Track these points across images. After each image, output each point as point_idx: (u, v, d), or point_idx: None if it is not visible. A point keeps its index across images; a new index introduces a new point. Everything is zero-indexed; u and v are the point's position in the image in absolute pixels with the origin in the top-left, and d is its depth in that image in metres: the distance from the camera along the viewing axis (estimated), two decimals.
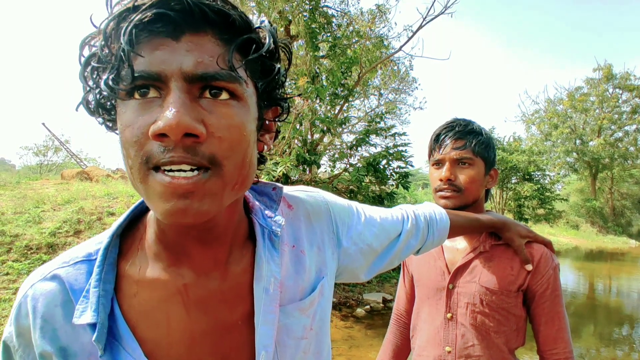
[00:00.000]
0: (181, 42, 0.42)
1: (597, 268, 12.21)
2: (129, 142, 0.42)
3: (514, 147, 15.47)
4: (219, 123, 0.43)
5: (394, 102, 17.10)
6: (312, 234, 0.65)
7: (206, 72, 0.42)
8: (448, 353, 1.10)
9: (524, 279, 1.05)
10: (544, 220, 16.07)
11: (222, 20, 0.44)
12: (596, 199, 23.99)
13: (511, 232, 1.06)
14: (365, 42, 7.37)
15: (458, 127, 1.13)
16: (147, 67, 0.41)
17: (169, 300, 0.51)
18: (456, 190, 1.10)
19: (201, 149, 0.42)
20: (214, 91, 0.43)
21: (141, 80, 0.41)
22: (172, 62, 0.41)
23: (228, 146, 0.43)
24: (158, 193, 0.42)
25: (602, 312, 7.37)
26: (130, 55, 0.40)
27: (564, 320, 1.05)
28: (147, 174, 0.42)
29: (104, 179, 10.36)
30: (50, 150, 24.23)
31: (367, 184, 6.41)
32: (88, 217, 5.84)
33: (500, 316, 1.06)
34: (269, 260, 0.56)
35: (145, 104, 0.42)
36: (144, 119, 0.41)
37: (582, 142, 24.61)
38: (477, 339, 1.07)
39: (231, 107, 0.44)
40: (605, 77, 23.93)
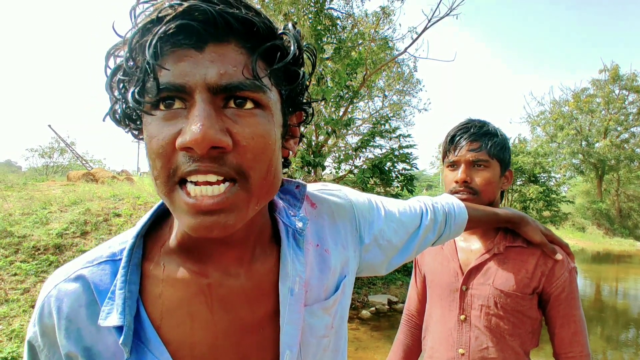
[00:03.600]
0: (205, 52, 0.41)
1: (604, 271, 12.11)
2: (155, 153, 0.42)
3: (519, 148, 15.37)
4: (244, 132, 0.42)
5: (398, 103, 17.08)
6: (336, 232, 0.65)
7: (230, 82, 0.41)
8: (461, 355, 1.09)
9: (538, 281, 1.04)
10: (549, 223, 15.94)
11: (246, 28, 0.43)
12: (602, 201, 23.80)
13: (530, 227, 1.04)
14: (370, 44, 7.37)
15: (473, 129, 1.12)
16: (171, 79, 0.41)
17: (193, 300, 0.51)
18: (472, 192, 1.09)
19: (228, 158, 0.42)
20: (238, 101, 0.43)
21: (166, 92, 0.41)
22: (196, 74, 0.41)
23: (253, 156, 0.43)
24: (184, 210, 0.43)
25: (610, 315, 7.31)
26: (155, 68, 0.40)
27: (580, 323, 1.03)
28: (173, 188, 0.43)
29: (109, 180, 10.42)
30: (56, 152, 24.42)
31: (372, 186, 6.40)
32: (94, 218, 5.87)
33: (515, 319, 1.05)
34: (294, 260, 0.56)
35: (170, 115, 0.42)
36: (169, 130, 0.41)
37: (588, 144, 24.43)
38: (492, 341, 1.06)
39: (256, 116, 0.44)
40: (611, 78, 23.76)
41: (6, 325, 3.46)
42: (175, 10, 0.40)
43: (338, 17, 7.50)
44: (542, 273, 1.04)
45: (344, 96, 6.59)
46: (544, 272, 1.04)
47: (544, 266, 1.04)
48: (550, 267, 1.04)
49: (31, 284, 4.21)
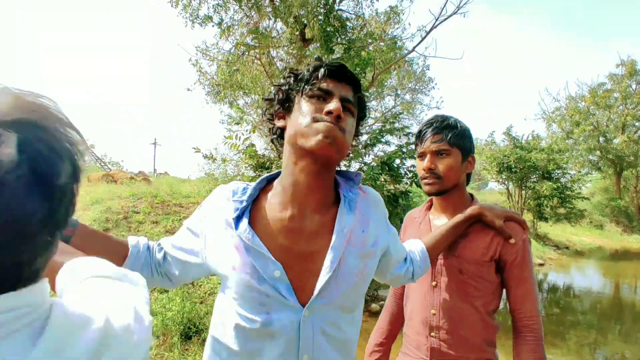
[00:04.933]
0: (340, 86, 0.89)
1: (622, 268, 11.91)
2: (307, 113, 0.85)
3: (532, 145, 15.19)
4: (346, 119, 0.87)
5: (411, 102, 17.11)
6: (376, 213, 0.99)
7: (346, 97, 0.88)
8: (433, 315, 1.28)
9: (495, 250, 1.21)
10: (564, 220, 15.73)
11: (353, 79, 0.91)
12: (621, 198, 23.32)
13: (488, 216, 1.22)
14: (379, 44, 7.48)
15: (436, 123, 1.28)
16: (325, 87, 0.87)
17: (278, 225, 0.87)
18: (437, 177, 1.26)
19: (340, 122, 0.84)
20: (347, 107, 0.88)
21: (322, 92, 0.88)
22: (335, 90, 0.87)
23: (348, 128, 0.87)
24: (318, 131, 0.82)
25: (629, 314, 7.21)
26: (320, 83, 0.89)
27: (530, 285, 1.21)
28: (312, 124, 0.84)
29: (127, 181, 10.78)
30: None
31: (382, 183, 6.50)
32: (115, 216, 6.15)
33: (477, 283, 1.23)
34: (347, 215, 0.90)
35: (318, 102, 0.87)
36: (319, 105, 0.86)
37: (606, 140, 23.96)
38: (458, 302, 1.24)
39: (348, 115, 0.88)
40: (628, 72, 23.27)
41: None
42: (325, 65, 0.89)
43: (347, 18, 7.64)
44: (498, 243, 1.22)
45: None
46: (500, 242, 1.22)
47: (499, 238, 1.22)
48: (504, 240, 1.22)
49: None
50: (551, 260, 12.31)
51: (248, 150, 5.84)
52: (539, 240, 14.35)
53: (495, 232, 1.22)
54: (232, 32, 7.13)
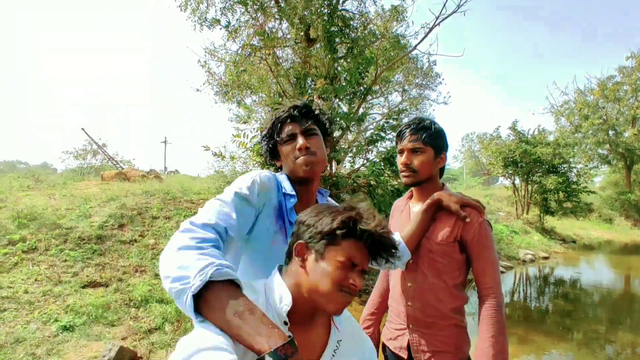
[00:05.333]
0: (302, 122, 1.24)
1: (633, 262, 11.86)
2: (289, 153, 1.21)
3: (538, 139, 15.19)
4: (313, 143, 1.21)
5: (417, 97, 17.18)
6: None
7: (307, 129, 1.23)
8: (409, 287, 1.51)
9: (457, 232, 1.43)
10: (571, 214, 15.71)
11: (313, 114, 1.27)
12: (631, 192, 23.09)
13: (445, 201, 1.44)
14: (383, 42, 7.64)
15: (413, 125, 1.51)
16: (290, 132, 1.22)
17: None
18: (412, 171, 1.50)
19: (310, 149, 1.19)
20: (309, 134, 1.22)
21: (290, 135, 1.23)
22: (297, 129, 1.22)
23: (317, 148, 1.20)
24: (300, 164, 1.18)
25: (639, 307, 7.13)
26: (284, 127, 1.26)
27: (490, 261, 1.41)
28: (295, 161, 1.20)
29: (139, 179, 11.11)
30: (89, 153, 25.69)
31: (386, 178, 6.69)
32: (130, 212, 6.46)
33: (444, 260, 1.45)
34: None
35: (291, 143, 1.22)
36: (293, 146, 1.21)
37: (616, 133, 23.73)
38: (429, 277, 1.47)
39: (315, 137, 1.23)
40: (638, 64, 22.98)
41: (62, 302, 4.01)
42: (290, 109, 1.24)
43: (351, 18, 7.81)
44: (459, 227, 1.43)
45: (357, 93, 6.90)
46: (460, 226, 1.43)
47: (460, 222, 1.44)
48: (463, 223, 1.43)
49: (79, 268, 4.77)
50: (557, 253, 12.37)
51: (256, 148, 6.07)
52: (545, 234, 14.39)
53: (458, 217, 1.43)
54: (239, 33, 7.36)
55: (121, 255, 5.26)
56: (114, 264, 5.04)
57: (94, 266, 4.89)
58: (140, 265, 5.17)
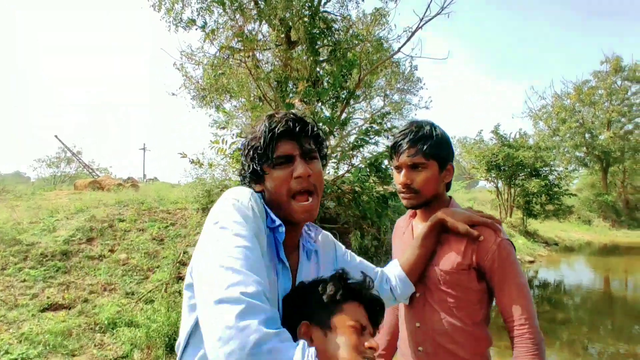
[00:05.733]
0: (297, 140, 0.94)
1: (612, 263, 12.02)
2: (281, 183, 0.91)
3: (520, 143, 15.32)
4: (314, 169, 0.93)
5: (400, 102, 17.13)
6: (327, 257, 1.11)
7: (307, 150, 0.94)
8: (418, 328, 1.23)
9: (470, 257, 1.15)
10: (553, 216, 15.87)
11: (307, 129, 0.96)
12: (608, 193, 23.63)
13: (449, 222, 1.18)
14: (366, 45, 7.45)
15: (410, 134, 1.22)
16: (285, 152, 0.93)
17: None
18: (413, 192, 1.22)
19: (311, 179, 0.92)
20: (310, 157, 0.95)
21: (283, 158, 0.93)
22: (295, 150, 0.93)
23: (318, 178, 0.94)
24: (297, 211, 0.91)
25: (621, 308, 7.21)
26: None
27: (517, 289, 1.12)
28: (290, 200, 0.91)
29: (115, 187, 10.60)
30: (63, 161, 24.76)
31: (371, 185, 6.47)
32: (100, 224, 6.02)
33: (458, 292, 1.17)
34: (305, 265, 1.02)
35: (285, 167, 0.92)
36: (287, 173, 0.92)
37: (592, 136, 24.28)
38: (441, 314, 1.18)
39: (316, 162, 0.96)
40: (613, 69, 23.63)
41: (16, 329, 3.59)
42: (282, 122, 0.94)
43: (333, 20, 7.60)
44: (473, 251, 1.15)
45: (339, 97, 6.68)
46: (474, 250, 1.15)
47: (473, 245, 1.16)
48: (478, 245, 1.15)
49: (39, 289, 4.35)
50: (541, 257, 12.40)
51: (235, 155, 5.75)
52: (528, 237, 14.46)
53: (469, 240, 1.17)
54: (216, 35, 7.05)
55: (88, 273, 4.85)
56: (80, 282, 4.63)
57: (57, 286, 4.47)
58: (110, 283, 4.76)
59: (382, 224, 7.03)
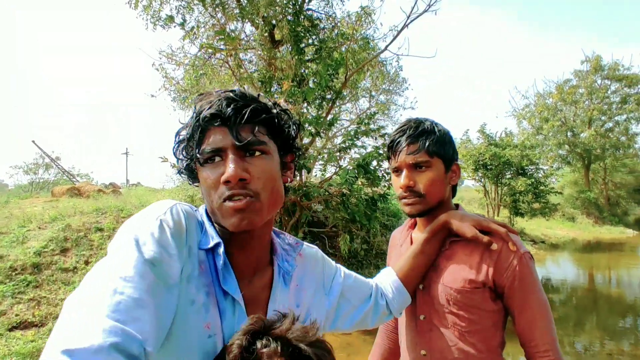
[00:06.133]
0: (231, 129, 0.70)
1: (595, 259, 12.20)
2: (210, 187, 0.69)
3: (506, 142, 15.44)
4: (256, 170, 0.69)
5: (385, 103, 17.10)
6: (312, 281, 0.88)
7: (246, 141, 0.68)
8: (424, 357, 1.06)
9: (485, 274, 0.99)
10: (539, 215, 16.02)
11: (252, 112, 0.70)
12: (590, 190, 24.07)
13: (457, 225, 1.02)
14: (352, 44, 7.31)
15: (409, 130, 1.07)
16: (214, 144, 0.69)
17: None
18: (417, 195, 1.05)
19: (248, 186, 0.68)
20: (251, 152, 0.70)
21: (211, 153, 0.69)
22: (226, 142, 0.68)
23: (263, 184, 0.69)
24: (228, 213, 0.67)
25: (604, 304, 7.32)
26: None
27: (539, 309, 0.98)
28: (221, 204, 0.68)
29: (95, 194, 10.19)
30: (41, 167, 24.01)
31: (360, 187, 6.31)
32: (75, 234, 5.70)
33: (471, 314, 1.01)
34: (282, 292, 0.79)
35: (215, 166, 0.69)
36: (217, 173, 0.68)
37: (574, 134, 24.72)
38: (451, 340, 1.02)
39: (262, 159, 0.70)
40: (593, 68, 24.11)
41: None
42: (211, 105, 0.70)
43: (318, 18, 7.43)
44: (489, 266, 0.99)
45: (325, 97, 6.50)
46: (490, 265, 0.99)
47: (489, 259, 1.00)
48: (495, 259, 0.99)
49: (8, 305, 4.04)
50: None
51: None
52: None
53: (485, 253, 1.00)
54: (197, 34, 6.80)
55: (61, 287, 4.54)
56: (52, 297, 4.33)
57: (27, 302, 4.16)
58: None
59: (371, 226, 6.87)
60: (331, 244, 7.66)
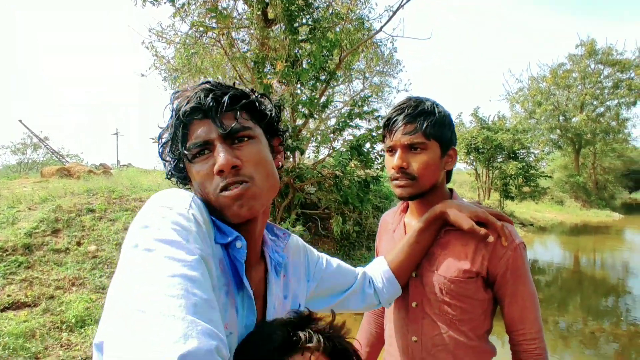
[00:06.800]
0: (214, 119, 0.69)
1: (582, 242, 12.47)
2: (204, 180, 0.68)
3: (498, 125, 15.49)
4: (246, 155, 0.68)
5: (379, 85, 16.94)
6: (296, 269, 0.90)
7: (231, 129, 0.68)
8: (415, 342, 1.07)
9: (480, 264, 1.00)
10: (529, 198, 16.25)
11: (231, 100, 0.70)
12: (579, 174, 24.38)
13: (453, 216, 1.01)
14: (346, 24, 7.18)
15: (408, 109, 1.03)
16: (200, 138, 0.68)
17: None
18: (410, 178, 1.02)
19: (242, 172, 0.67)
20: (238, 139, 0.69)
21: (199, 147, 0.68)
22: (213, 134, 0.68)
23: (255, 167, 0.69)
24: (226, 203, 0.66)
25: (589, 285, 7.53)
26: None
27: (529, 300, 1.00)
28: (218, 195, 0.67)
29: (85, 175, 10.06)
30: (29, 147, 23.61)
31: (353, 169, 6.32)
32: (66, 215, 5.65)
33: (463, 303, 1.02)
34: (275, 283, 0.80)
35: (204, 159, 0.69)
36: (208, 166, 0.68)
37: (566, 119, 24.85)
38: (442, 328, 1.03)
39: (251, 144, 0.70)
40: (587, 52, 24.05)
41: None
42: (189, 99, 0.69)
43: None
44: (484, 257, 1.00)
45: (319, 78, 6.43)
46: (485, 256, 1.00)
47: (484, 249, 1.00)
48: (491, 250, 0.99)
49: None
50: None
51: None
52: None
53: (480, 243, 1.00)
54: (188, 12, 6.61)
55: (54, 267, 4.53)
56: (45, 278, 4.32)
57: (19, 282, 4.15)
58: (78, 277, 4.47)
59: (363, 208, 6.93)
60: (324, 226, 7.71)
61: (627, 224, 17.40)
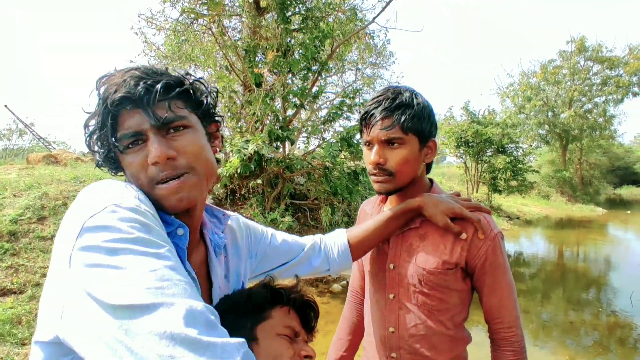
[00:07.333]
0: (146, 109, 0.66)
1: (566, 235, 12.72)
2: (137, 171, 0.66)
3: (488, 119, 15.63)
4: (182, 145, 0.67)
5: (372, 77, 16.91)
6: (236, 248, 0.91)
7: (164, 119, 0.66)
8: (392, 333, 1.08)
9: (459, 256, 1.01)
10: (516, 192, 16.50)
11: (163, 88, 0.66)
12: (566, 170, 24.77)
13: (430, 211, 1.02)
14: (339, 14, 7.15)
15: (385, 102, 0.99)
16: (132, 128, 0.66)
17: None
18: (387, 174, 1.01)
19: (178, 163, 0.66)
20: (173, 128, 0.67)
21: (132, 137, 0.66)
22: (144, 123, 0.65)
23: (193, 157, 0.68)
24: (164, 196, 0.65)
25: (571, 277, 7.71)
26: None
27: (507, 289, 1.02)
28: (153, 187, 0.66)
29: (72, 162, 9.92)
30: (15, 133, 23.15)
31: (342, 160, 6.34)
32: (52, 202, 5.59)
33: (441, 294, 1.03)
34: (216, 265, 0.81)
35: (137, 150, 0.66)
36: (142, 156, 0.66)
37: (554, 114, 25.14)
38: (420, 318, 1.04)
39: (186, 133, 0.68)
40: (577, 49, 24.26)
41: None
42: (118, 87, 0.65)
43: None
44: (462, 247, 1.01)
45: (311, 68, 6.40)
46: (464, 247, 1.01)
47: (463, 240, 1.01)
48: (469, 241, 1.00)
49: None
50: (504, 230, 12.90)
51: None
52: (493, 212, 14.94)
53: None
54: None
55: (40, 255, 4.50)
56: (31, 265, 4.29)
57: (4, 269, 4.11)
58: None
59: (353, 199, 6.97)
60: (313, 216, 7.75)
61: (609, 219, 17.79)
